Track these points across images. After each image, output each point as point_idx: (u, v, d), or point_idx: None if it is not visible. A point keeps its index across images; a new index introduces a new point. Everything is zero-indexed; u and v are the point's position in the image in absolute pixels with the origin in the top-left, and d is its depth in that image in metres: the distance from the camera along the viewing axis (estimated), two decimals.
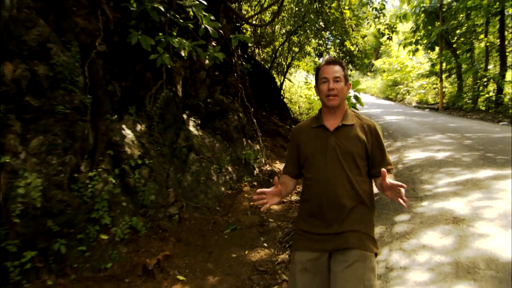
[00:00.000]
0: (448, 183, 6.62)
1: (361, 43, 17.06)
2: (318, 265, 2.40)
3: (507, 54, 21.73)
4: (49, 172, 4.22)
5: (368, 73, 38.77)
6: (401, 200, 2.14)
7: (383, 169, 2.24)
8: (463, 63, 24.27)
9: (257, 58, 14.72)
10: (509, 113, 18.05)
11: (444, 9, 23.35)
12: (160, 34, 5.58)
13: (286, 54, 15.52)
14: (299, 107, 18.44)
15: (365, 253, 2.32)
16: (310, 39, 14.68)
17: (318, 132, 2.54)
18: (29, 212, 3.96)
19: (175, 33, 5.83)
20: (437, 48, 25.23)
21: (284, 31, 14.98)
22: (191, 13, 6.01)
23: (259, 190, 2.43)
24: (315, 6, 11.90)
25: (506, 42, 21.73)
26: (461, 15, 22.81)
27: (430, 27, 24.96)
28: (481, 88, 22.31)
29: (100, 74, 5.10)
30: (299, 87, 21.48)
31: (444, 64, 24.92)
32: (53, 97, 4.42)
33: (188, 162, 6.23)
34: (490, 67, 23.75)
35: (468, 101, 23.01)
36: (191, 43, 5.73)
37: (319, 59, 16.94)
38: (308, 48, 15.81)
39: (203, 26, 5.87)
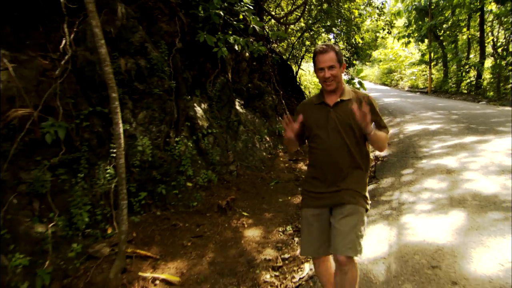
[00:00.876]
0: (441, 146, 7.29)
1: (367, 37, 17.43)
2: (321, 219, 2.54)
3: (486, 45, 21.92)
4: (151, 137, 5.02)
5: (367, 63, 38.90)
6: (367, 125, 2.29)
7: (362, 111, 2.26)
8: (448, 52, 24.52)
9: (276, 50, 15.26)
10: (487, 94, 18.50)
11: (433, 7, 23.50)
12: (219, 33, 6.28)
13: (300, 48, 16.01)
14: (309, 92, 18.97)
15: (357, 207, 2.44)
16: (321, 34, 15.13)
17: (320, 108, 2.58)
18: (142, 165, 4.80)
19: (230, 32, 6.52)
20: (426, 40, 25.41)
21: (298, 28, 15.42)
22: (241, 16, 6.70)
23: (286, 115, 2.47)
24: (325, 6, 12.41)
25: (485, 34, 21.93)
26: (447, 12, 22.99)
27: (420, 22, 25.10)
28: (464, 74, 22.62)
29: (179, 65, 5.82)
30: (309, 75, 21.96)
31: (432, 54, 25.08)
32: (151, 83, 5.20)
33: (238, 133, 6.96)
34: (471, 56, 23.91)
35: (452, 85, 23.36)
36: (243, 39, 6.44)
37: None
38: (319, 42, 16.29)
39: (251, 26, 6.54)
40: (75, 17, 4.88)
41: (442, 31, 24.72)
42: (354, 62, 16.76)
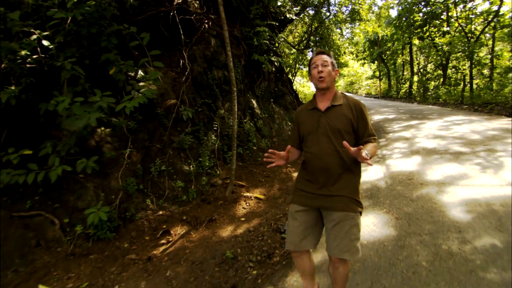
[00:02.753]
0: (398, 126, 8.49)
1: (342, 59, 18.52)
2: (305, 215, 2.04)
3: (414, 65, 23.47)
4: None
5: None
6: (364, 159, 1.76)
7: (355, 149, 1.76)
8: (391, 70, 25.91)
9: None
10: (416, 98, 19.94)
11: (379, 39, 24.83)
12: (265, 55, 7.34)
13: (295, 65, 17.06)
14: (303, 96, 20.05)
15: (348, 214, 1.94)
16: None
17: (313, 113, 2.09)
18: (229, 135, 5.88)
19: (271, 54, 7.59)
20: (376, 62, 26.74)
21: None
22: (277, 44, 7.80)
23: (270, 150, 2.01)
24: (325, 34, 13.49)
25: (414, 58, 23.42)
26: (389, 43, 24.28)
27: (372, 50, 26.39)
28: (401, 85, 24.10)
29: (243, 75, 6.90)
30: (299, 84, 23.06)
31: (380, 72, 26.46)
32: (227, 90, 6.29)
33: (274, 119, 8.02)
34: (405, 73, 25.45)
35: (394, 93, 24.77)
36: (278, 58, 7.53)
37: None
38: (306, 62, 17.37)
39: (283, 50, 7.64)
40: (186, 46, 5.92)
41: (386, 56, 26.08)
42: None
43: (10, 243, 3.47)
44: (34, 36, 3.70)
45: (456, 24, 16.03)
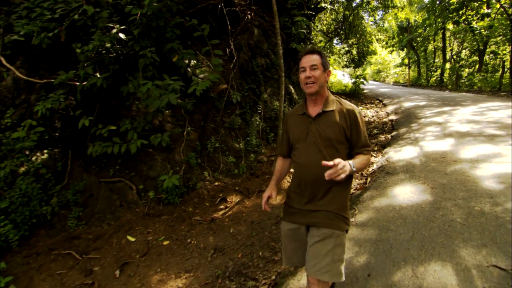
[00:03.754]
0: (430, 112, 8.67)
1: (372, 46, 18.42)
2: (297, 234, 1.88)
3: (447, 52, 22.87)
4: (274, 101, 6.65)
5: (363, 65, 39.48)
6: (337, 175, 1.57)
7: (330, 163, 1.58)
8: (421, 58, 25.38)
9: None
10: (448, 86, 19.59)
11: (410, 26, 24.30)
12: (302, 43, 7.80)
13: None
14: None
15: (333, 232, 1.74)
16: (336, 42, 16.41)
17: (302, 119, 1.88)
18: (271, 117, 6.43)
19: (308, 42, 8.02)
20: (405, 49, 26.23)
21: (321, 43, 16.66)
22: (313, 33, 8.20)
23: (264, 203, 1.95)
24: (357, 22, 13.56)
25: (447, 44, 22.82)
26: (420, 29, 23.75)
27: (401, 37, 25.90)
28: (432, 73, 23.62)
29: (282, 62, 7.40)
30: None
31: (409, 59, 25.97)
32: (272, 72, 6.79)
33: None
34: (436, 60, 24.85)
35: (424, 81, 24.34)
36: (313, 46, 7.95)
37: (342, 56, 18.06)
38: (335, 51, 17.46)
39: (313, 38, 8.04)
40: (231, 36, 6.47)
41: (416, 43, 25.52)
42: (363, 61, 17.77)
43: (101, 202, 4.23)
44: (114, 30, 4.36)
45: (498, 6, 15.49)
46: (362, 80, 15.24)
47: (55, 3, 4.22)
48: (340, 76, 22.81)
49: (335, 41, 16.67)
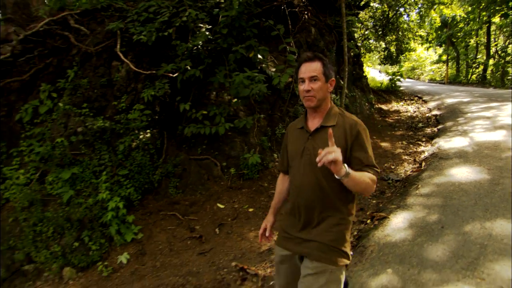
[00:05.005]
0: (476, 108, 8.98)
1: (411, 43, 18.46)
2: (290, 261, 1.70)
3: (491, 48, 22.42)
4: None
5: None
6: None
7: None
8: (461, 54, 24.99)
9: None
10: (492, 84, 19.33)
11: (449, 21, 23.99)
12: (352, 41, 8.41)
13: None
14: None
15: (327, 267, 1.53)
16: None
17: (300, 134, 1.69)
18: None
19: (352, 42, 8.60)
20: (443, 45, 25.87)
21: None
22: (362, 31, 8.77)
23: (261, 234, 1.89)
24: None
25: (491, 39, 22.39)
26: (461, 24, 23.38)
27: (439, 32, 25.58)
28: (474, 69, 23.26)
29: (335, 58, 8.08)
30: None
31: (448, 56, 25.66)
32: None
33: (356, 98, 9.02)
34: (478, 56, 24.38)
35: (463, 78, 23.99)
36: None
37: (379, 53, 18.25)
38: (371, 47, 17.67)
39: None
40: (291, 35, 7.19)
41: (457, 38, 25.12)
42: (401, 58, 17.81)
43: (192, 175, 5.11)
44: (203, 29, 5.22)
45: None
46: (398, 77, 15.52)
47: (159, 8, 5.13)
48: (373, 73, 22.91)
49: (371, 39, 17.00)
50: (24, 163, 4.40)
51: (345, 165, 1.40)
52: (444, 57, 25.90)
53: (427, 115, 9.82)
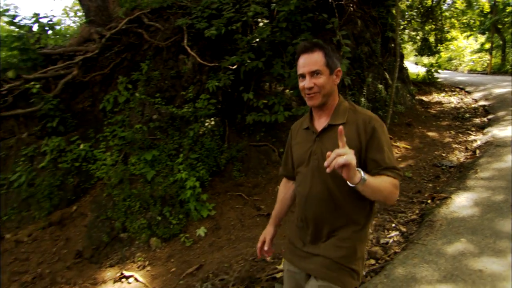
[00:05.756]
0: None
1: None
2: (296, 278, 1.53)
3: None
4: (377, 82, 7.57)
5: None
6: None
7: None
8: (508, 42, 23.88)
9: None
10: None
11: (495, 5, 22.94)
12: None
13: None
14: None
15: (332, 287, 1.35)
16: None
17: (307, 135, 1.48)
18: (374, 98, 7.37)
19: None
20: (487, 33, 24.81)
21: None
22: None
23: (259, 248, 1.70)
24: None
25: None
26: (509, 8, 22.24)
27: (482, 18, 24.54)
28: None
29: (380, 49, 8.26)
30: None
31: (492, 44, 24.61)
32: (373, 58, 7.70)
33: (398, 89, 9.18)
34: None
35: (510, 67, 22.93)
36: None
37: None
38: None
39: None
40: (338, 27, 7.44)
41: (503, 24, 23.98)
42: (439, 48, 17.39)
43: (253, 160, 5.56)
44: (261, 24, 5.61)
45: None
46: (436, 68, 15.28)
47: (221, 4, 5.58)
48: (408, 64, 22.39)
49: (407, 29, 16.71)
50: (109, 146, 5.02)
51: (360, 170, 1.17)
52: (487, 46, 24.86)
53: (473, 105, 9.73)
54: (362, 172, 1.18)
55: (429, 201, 4.08)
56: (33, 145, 4.93)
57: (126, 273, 3.73)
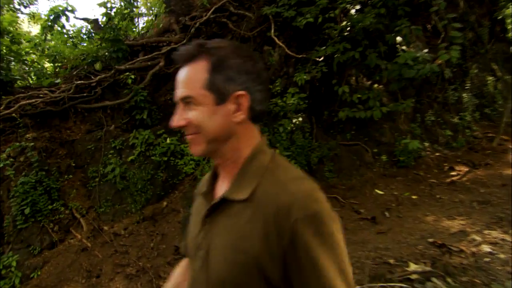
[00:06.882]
0: None
1: None
2: None
3: None
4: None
5: None
6: None
7: None
8: None
9: None
10: None
11: None
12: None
13: None
14: None
15: None
16: None
17: (201, 206, 0.88)
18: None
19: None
20: None
21: None
22: None
23: None
24: None
25: None
26: None
27: None
28: None
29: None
30: None
31: None
32: (476, 51, 7.08)
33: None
34: None
35: None
36: None
37: None
38: None
39: None
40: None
41: None
42: None
43: (344, 161, 5.28)
44: (352, 11, 5.33)
45: None
46: None
47: None
48: None
49: None
50: None
51: None
52: None
53: None
54: None
55: None
56: (120, 137, 5.09)
57: None
